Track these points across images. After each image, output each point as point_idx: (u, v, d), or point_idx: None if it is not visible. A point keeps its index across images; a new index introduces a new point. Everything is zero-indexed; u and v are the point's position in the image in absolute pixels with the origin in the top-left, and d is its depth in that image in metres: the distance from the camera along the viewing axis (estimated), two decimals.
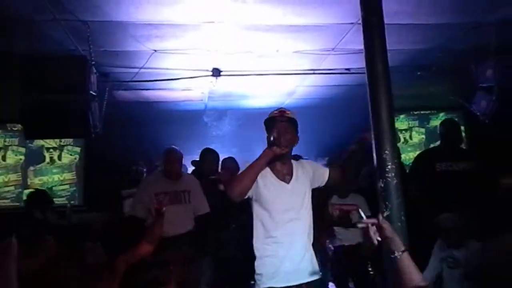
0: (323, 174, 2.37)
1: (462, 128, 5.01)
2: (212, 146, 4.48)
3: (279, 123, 2.28)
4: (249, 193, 2.22)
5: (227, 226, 3.88)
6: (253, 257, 2.23)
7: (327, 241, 4.45)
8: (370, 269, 4.00)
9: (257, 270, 2.20)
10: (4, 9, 2.98)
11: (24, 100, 3.28)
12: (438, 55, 4.37)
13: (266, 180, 2.25)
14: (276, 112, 2.36)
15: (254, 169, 2.19)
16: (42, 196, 4.44)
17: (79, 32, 3.36)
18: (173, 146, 3.77)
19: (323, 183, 2.38)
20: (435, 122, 6.56)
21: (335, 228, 3.96)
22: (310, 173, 2.33)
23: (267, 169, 2.27)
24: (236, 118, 6.34)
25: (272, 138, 2.18)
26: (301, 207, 2.25)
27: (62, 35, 3.35)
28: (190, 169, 4.99)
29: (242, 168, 2.46)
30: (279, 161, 2.28)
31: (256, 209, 2.25)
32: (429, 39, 3.99)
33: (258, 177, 2.22)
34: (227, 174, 3.88)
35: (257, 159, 2.21)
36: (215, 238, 3.71)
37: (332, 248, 4.08)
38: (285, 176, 2.28)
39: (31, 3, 2.91)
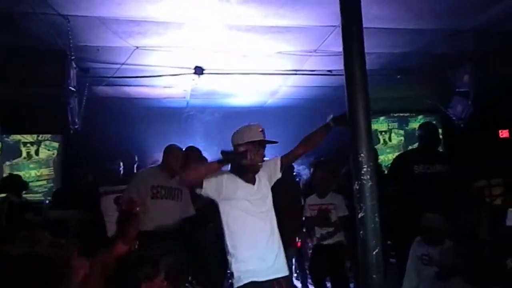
0: (275, 166, 2.46)
1: (440, 131, 5.14)
2: (193, 144, 4.47)
3: (262, 144, 2.32)
4: (216, 193, 2.25)
5: (205, 225, 3.89)
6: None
7: (308, 239, 4.51)
8: (348, 265, 4.07)
9: (235, 270, 2.24)
10: None
11: (0, 94, 3.22)
12: (417, 59, 4.46)
13: (236, 182, 2.30)
14: (260, 130, 2.35)
15: (219, 166, 2.21)
16: (17, 181, 4.38)
17: (59, 27, 3.30)
18: (175, 144, 3.75)
19: (280, 173, 2.48)
20: (414, 124, 6.70)
21: (315, 228, 4.01)
22: (266, 174, 2.43)
23: (235, 176, 2.33)
24: (218, 116, 6.34)
25: (248, 157, 2.17)
26: (267, 206, 2.38)
27: (41, 28, 3.29)
28: None
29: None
30: (250, 172, 2.34)
31: (227, 210, 2.28)
32: (408, 44, 4.08)
33: (226, 178, 2.27)
34: None
35: (223, 160, 2.21)
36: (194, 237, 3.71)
37: (311, 246, 4.12)
38: (250, 180, 2.35)
39: None
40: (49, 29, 3.27)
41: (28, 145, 6.00)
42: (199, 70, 4.52)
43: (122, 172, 4.84)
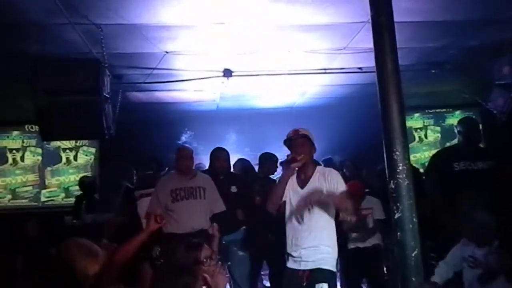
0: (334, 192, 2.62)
1: (480, 126, 4.92)
2: (224, 146, 4.50)
3: (294, 141, 2.71)
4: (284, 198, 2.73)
5: (238, 227, 3.90)
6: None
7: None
8: (385, 271, 3.96)
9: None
10: (19, 12, 3.04)
11: (39, 102, 3.34)
12: (452, 53, 4.29)
13: (289, 186, 2.72)
14: (291, 132, 2.76)
15: (280, 186, 2.73)
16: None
17: (93, 35, 3.40)
18: (184, 144, 3.85)
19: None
20: (451, 120, 6.47)
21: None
22: (325, 184, 2.62)
23: (294, 176, 2.74)
24: (248, 117, 6.34)
25: (288, 157, 2.65)
26: (311, 210, 2.59)
27: (76, 38, 3.40)
28: None
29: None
30: (302, 169, 2.71)
31: (286, 210, 2.72)
32: (443, 37, 3.92)
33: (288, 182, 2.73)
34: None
35: (281, 178, 2.84)
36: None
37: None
38: (304, 181, 2.67)
39: (45, 7, 2.95)
40: (83, 38, 3.38)
41: (67, 151, 6.25)
42: (227, 73, 4.53)
43: (154, 175, 4.93)
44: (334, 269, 2.59)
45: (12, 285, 3.68)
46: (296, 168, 2.69)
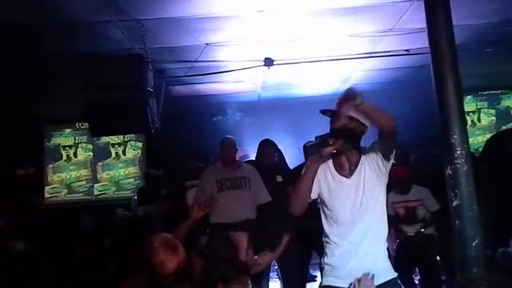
0: (378, 152, 1.99)
1: None
2: (268, 136, 4.46)
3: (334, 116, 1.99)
4: (313, 195, 2.07)
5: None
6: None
7: (393, 237, 4.24)
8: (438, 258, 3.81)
9: (321, 265, 2.11)
10: (63, 12, 3.13)
11: (88, 99, 3.46)
12: (508, 29, 3.98)
13: (326, 178, 2.05)
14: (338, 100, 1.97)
15: (306, 180, 2.03)
16: None
17: (135, 31, 3.46)
18: (227, 135, 3.88)
19: (387, 160, 1.98)
20: (507, 102, 6.10)
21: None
22: (375, 161, 1.97)
23: (329, 163, 2.05)
24: (291, 106, 6.26)
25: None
26: (364, 204, 1.95)
27: (119, 35, 3.48)
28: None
29: None
30: (342, 154, 2.01)
31: (322, 208, 2.09)
32: (497, 12, 3.65)
33: (318, 174, 2.04)
34: None
35: (305, 168, 2.07)
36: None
37: (395, 246, 3.85)
38: (348, 169, 2.01)
39: (88, 5, 3.03)
40: (126, 35, 3.44)
41: (116, 146, 6.50)
42: (268, 62, 4.48)
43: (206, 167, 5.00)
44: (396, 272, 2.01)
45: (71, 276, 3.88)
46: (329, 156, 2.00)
